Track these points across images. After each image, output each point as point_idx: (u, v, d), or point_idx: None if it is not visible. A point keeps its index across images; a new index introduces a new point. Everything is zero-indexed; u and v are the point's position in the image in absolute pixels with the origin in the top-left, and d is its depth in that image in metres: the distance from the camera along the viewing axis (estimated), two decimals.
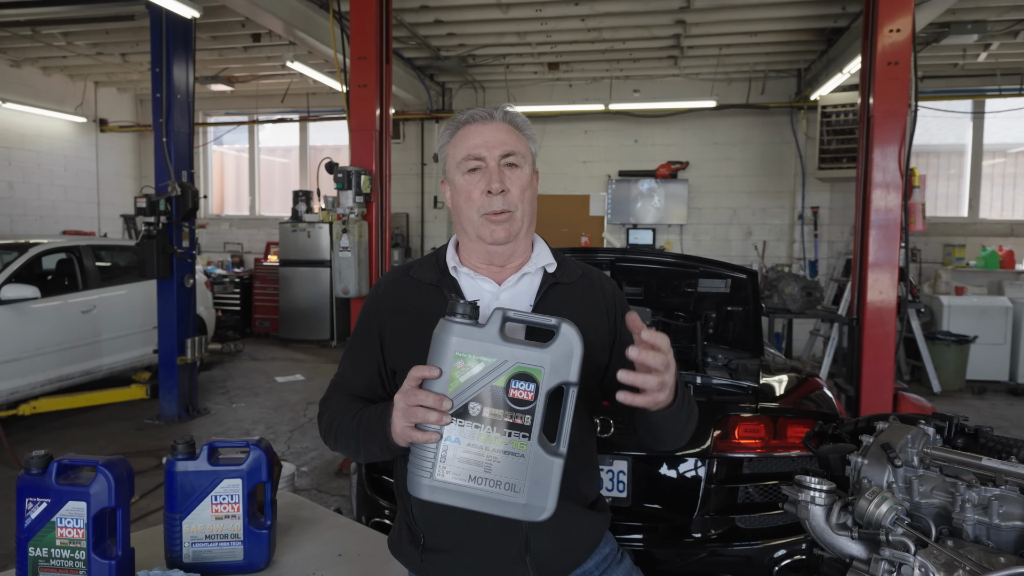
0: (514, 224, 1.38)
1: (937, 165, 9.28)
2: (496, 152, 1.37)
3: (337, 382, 1.50)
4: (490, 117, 1.41)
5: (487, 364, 1.10)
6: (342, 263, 4.38)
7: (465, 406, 1.11)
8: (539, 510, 1.12)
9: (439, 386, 1.11)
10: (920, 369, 7.41)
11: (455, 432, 1.11)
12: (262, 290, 10.13)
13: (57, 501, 1.44)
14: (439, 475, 1.11)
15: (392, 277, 1.52)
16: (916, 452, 1.25)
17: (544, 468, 1.11)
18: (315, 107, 10.50)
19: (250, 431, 5.71)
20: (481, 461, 1.11)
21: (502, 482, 1.11)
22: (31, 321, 5.65)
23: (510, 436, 1.10)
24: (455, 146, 1.42)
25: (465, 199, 1.39)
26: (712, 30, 7.44)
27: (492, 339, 1.11)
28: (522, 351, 1.11)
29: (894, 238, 4.44)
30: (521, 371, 1.10)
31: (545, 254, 1.46)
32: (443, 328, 1.13)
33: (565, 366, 1.11)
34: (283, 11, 5.91)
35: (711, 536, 2.41)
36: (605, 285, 1.51)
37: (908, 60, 4.39)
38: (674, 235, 9.60)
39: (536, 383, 1.10)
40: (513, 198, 1.37)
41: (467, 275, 1.43)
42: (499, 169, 1.37)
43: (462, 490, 1.11)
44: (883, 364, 4.46)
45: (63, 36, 7.85)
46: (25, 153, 9.50)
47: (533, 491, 1.11)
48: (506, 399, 1.10)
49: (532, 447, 1.11)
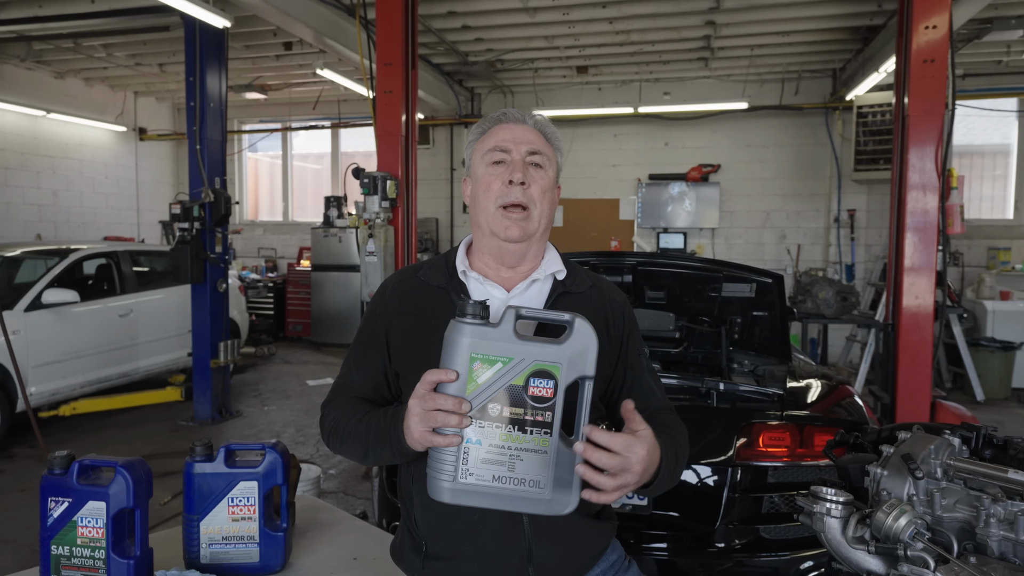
0: (530, 223, 1.36)
1: (981, 166, 9.00)
2: (523, 148, 1.37)
3: (341, 384, 1.49)
4: (523, 119, 1.41)
5: (504, 363, 1.10)
6: (368, 268, 4.42)
7: (484, 407, 1.10)
8: (564, 504, 1.13)
9: (455, 389, 1.10)
10: (963, 377, 7.18)
11: (475, 434, 1.11)
12: (295, 294, 10.28)
13: (78, 501, 1.46)
14: (461, 477, 1.11)
15: (399, 278, 1.50)
16: (939, 463, 1.21)
17: (566, 462, 1.12)
18: (346, 114, 10.64)
19: (280, 433, 5.79)
20: (504, 460, 1.11)
21: (527, 479, 1.11)
22: (71, 324, 5.81)
23: (531, 434, 1.11)
24: (483, 141, 1.42)
25: (484, 189, 1.38)
26: (743, 30, 7.34)
27: (507, 338, 1.10)
28: (538, 348, 1.11)
29: (931, 241, 4.31)
30: (539, 368, 1.10)
31: (555, 260, 1.44)
32: (455, 330, 1.12)
33: (582, 361, 1.11)
34: (313, 19, 6.00)
35: (735, 546, 2.35)
36: (615, 297, 1.49)
37: (945, 57, 4.26)
38: (706, 239, 9.48)
39: (555, 379, 1.10)
40: (533, 194, 1.36)
41: (476, 280, 1.41)
42: (524, 163, 1.36)
43: (486, 490, 1.11)
44: (920, 371, 4.33)
45: (104, 48, 8.09)
46: (69, 162, 9.81)
47: (557, 486, 1.12)
48: (526, 397, 1.10)
49: (554, 443, 1.11)
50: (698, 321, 3.01)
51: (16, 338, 5.09)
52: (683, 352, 3.06)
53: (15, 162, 9.06)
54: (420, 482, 1.32)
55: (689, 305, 3.08)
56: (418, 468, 1.33)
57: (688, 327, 3.01)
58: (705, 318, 3.03)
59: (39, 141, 9.36)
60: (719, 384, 2.53)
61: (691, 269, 3.13)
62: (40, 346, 5.51)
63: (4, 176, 8.94)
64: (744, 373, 2.82)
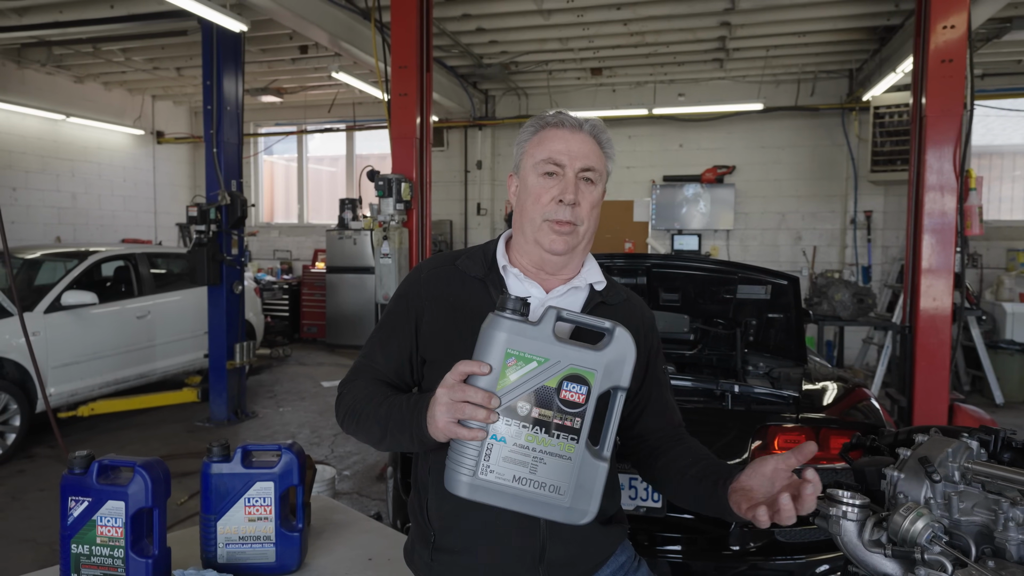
0: (575, 239, 1.36)
1: (1001, 166, 8.89)
2: (577, 164, 1.35)
3: (363, 364, 1.44)
4: (579, 127, 1.38)
5: (540, 363, 1.08)
6: (383, 270, 4.44)
7: (513, 405, 1.08)
8: (582, 513, 1.11)
9: (486, 383, 1.08)
10: (981, 379, 7.10)
11: (502, 431, 1.08)
12: (310, 296, 10.34)
13: (97, 500, 1.48)
14: (481, 473, 1.09)
15: (437, 263, 1.46)
16: (957, 467, 1.19)
17: (590, 472, 1.10)
18: (361, 116, 10.70)
19: (295, 434, 5.83)
20: (527, 462, 1.09)
21: (547, 484, 1.09)
22: (90, 326, 5.89)
23: (558, 438, 1.09)
24: (537, 145, 1.38)
25: (534, 200, 1.36)
26: (759, 31, 7.30)
27: (546, 338, 1.08)
28: (576, 352, 1.09)
29: (949, 243, 4.27)
30: (574, 373, 1.08)
31: (595, 271, 1.44)
32: (493, 323, 1.09)
33: (618, 370, 1.10)
34: (328, 23, 6.04)
35: (750, 549, 2.34)
36: (645, 314, 1.50)
37: (963, 57, 4.22)
38: (720, 240, 9.44)
39: (588, 386, 1.08)
40: (582, 213, 1.36)
41: (515, 276, 1.40)
42: (576, 181, 1.35)
43: (504, 490, 1.09)
44: (937, 374, 4.28)
45: (122, 52, 8.19)
46: (87, 165, 9.94)
47: (578, 494, 1.10)
48: (557, 400, 1.08)
49: (579, 450, 1.09)
50: (713, 323, 3.00)
51: (36, 339, 5.15)
52: (698, 354, 3.05)
53: (36, 166, 9.20)
54: (437, 472, 1.32)
55: (704, 307, 3.07)
56: (436, 458, 1.31)
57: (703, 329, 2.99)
58: (720, 320, 3.01)
59: (59, 145, 9.50)
60: (734, 386, 2.52)
61: (706, 271, 3.12)
62: (59, 347, 5.58)
63: (25, 179, 9.07)
64: (759, 375, 2.81)
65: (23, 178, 9.04)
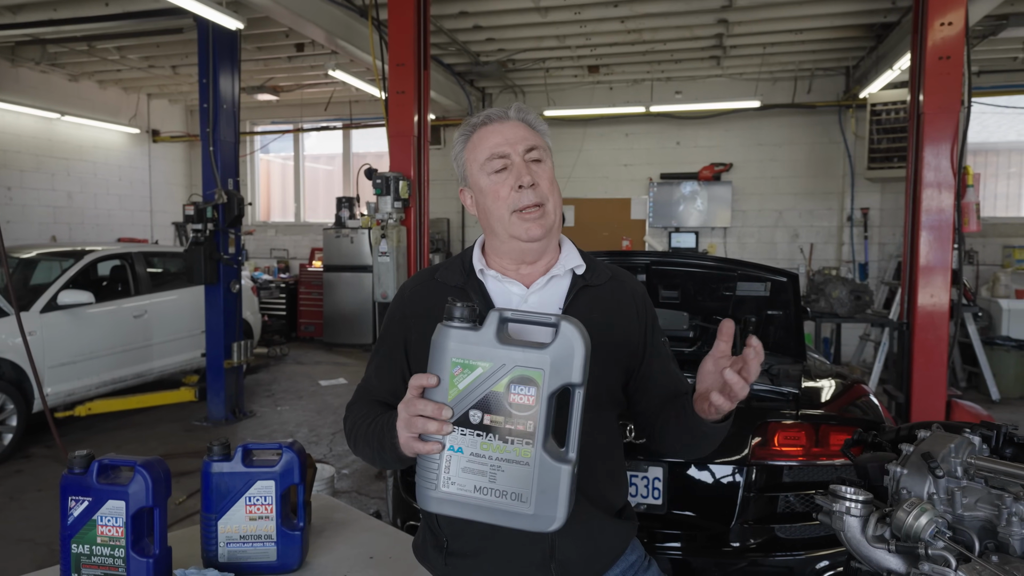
0: (547, 218, 1.35)
1: (996, 163, 8.92)
2: (520, 147, 1.36)
3: (363, 387, 1.50)
4: (505, 116, 1.39)
5: (485, 369, 1.06)
6: (381, 268, 4.43)
7: (466, 414, 1.06)
8: (548, 520, 1.06)
9: (439, 394, 1.07)
10: (977, 376, 7.12)
11: (457, 441, 1.06)
12: (307, 295, 10.32)
13: (98, 500, 1.48)
14: (444, 486, 1.07)
15: (417, 281, 1.50)
16: (959, 462, 1.20)
17: (551, 476, 1.05)
18: (357, 115, 10.68)
19: (293, 433, 5.82)
20: (485, 471, 1.06)
21: (508, 492, 1.06)
22: (86, 325, 5.87)
23: (513, 443, 1.05)
24: (474, 149, 1.40)
25: (493, 199, 1.37)
26: (756, 29, 7.30)
27: (488, 342, 1.06)
28: (520, 353, 1.05)
29: (946, 240, 4.28)
30: (520, 375, 1.05)
31: (573, 255, 1.43)
32: (440, 333, 1.09)
33: (567, 367, 1.05)
34: (325, 21, 6.02)
35: (750, 545, 2.35)
36: (636, 288, 1.48)
37: (961, 54, 4.23)
38: (718, 238, 9.45)
39: (537, 386, 1.05)
40: (543, 191, 1.35)
41: (494, 278, 1.41)
42: (525, 164, 1.35)
43: (468, 501, 1.07)
44: (935, 370, 4.29)
45: (117, 50, 8.16)
46: (83, 164, 9.90)
47: (541, 500, 1.06)
48: (506, 405, 1.05)
49: (537, 454, 1.05)
50: (712, 320, 3.00)
51: (32, 339, 5.13)
52: (697, 351, 3.05)
53: (30, 164, 9.16)
54: None
55: (703, 304, 3.07)
56: None
57: (702, 326, 3.00)
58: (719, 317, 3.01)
59: (54, 143, 9.46)
60: None
61: (706, 268, 3.12)
62: (56, 347, 5.56)
63: (20, 179, 9.03)
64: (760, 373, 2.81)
65: (18, 177, 9.00)
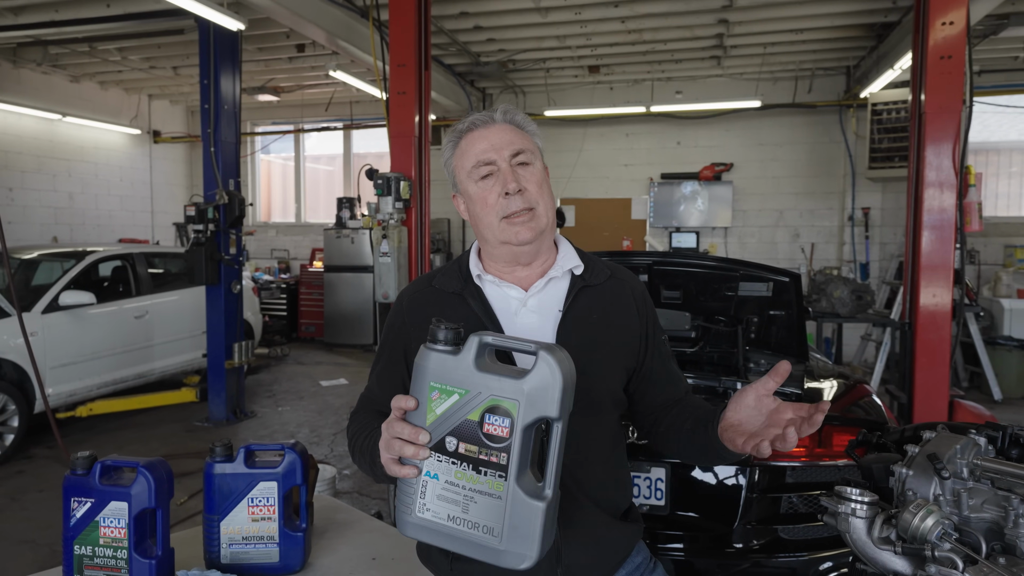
0: (538, 221, 1.34)
1: (997, 163, 8.91)
2: (505, 152, 1.34)
3: (365, 396, 1.49)
4: (491, 120, 1.37)
5: (461, 395, 1.02)
6: (382, 268, 4.43)
7: (443, 440, 1.03)
8: (519, 558, 1.01)
9: (418, 418, 1.05)
10: (979, 376, 7.12)
11: (434, 467, 1.04)
12: (307, 295, 10.32)
13: (100, 501, 1.47)
14: (419, 512, 1.05)
15: (415, 288, 1.48)
16: (965, 463, 1.19)
17: (524, 512, 1.00)
18: (358, 115, 10.68)
19: (294, 434, 5.82)
20: (458, 500, 1.03)
21: (480, 524, 1.02)
22: (88, 326, 5.87)
23: (486, 475, 1.01)
24: (461, 156, 1.38)
25: (482, 206, 1.36)
26: (756, 28, 7.30)
27: (466, 368, 1.03)
28: (496, 382, 1.01)
29: (948, 239, 4.27)
30: (494, 404, 1.01)
31: (571, 256, 1.42)
32: (421, 355, 1.06)
33: (543, 399, 0.99)
34: (325, 22, 6.02)
35: (753, 547, 2.34)
36: (635, 286, 1.47)
37: (962, 54, 4.22)
38: (718, 238, 9.44)
39: (511, 418, 1.00)
40: (531, 195, 1.34)
41: (492, 282, 1.40)
42: (512, 169, 1.33)
43: (441, 529, 1.04)
44: (937, 370, 4.29)
45: (118, 51, 8.16)
46: (84, 165, 9.90)
47: (512, 536, 1.01)
48: (480, 435, 1.01)
49: (509, 488, 1.01)
50: (714, 320, 3.00)
51: (34, 340, 5.12)
52: (699, 351, 3.04)
53: (32, 165, 9.16)
54: None
55: (705, 304, 3.07)
56: None
57: (704, 326, 2.99)
58: (721, 317, 3.01)
59: (55, 144, 9.46)
60: (736, 383, 2.52)
61: (708, 268, 3.11)
62: (57, 347, 5.56)
63: (21, 179, 9.03)
64: (761, 372, 2.80)
65: (19, 178, 9.01)
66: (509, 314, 1.37)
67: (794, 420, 1.08)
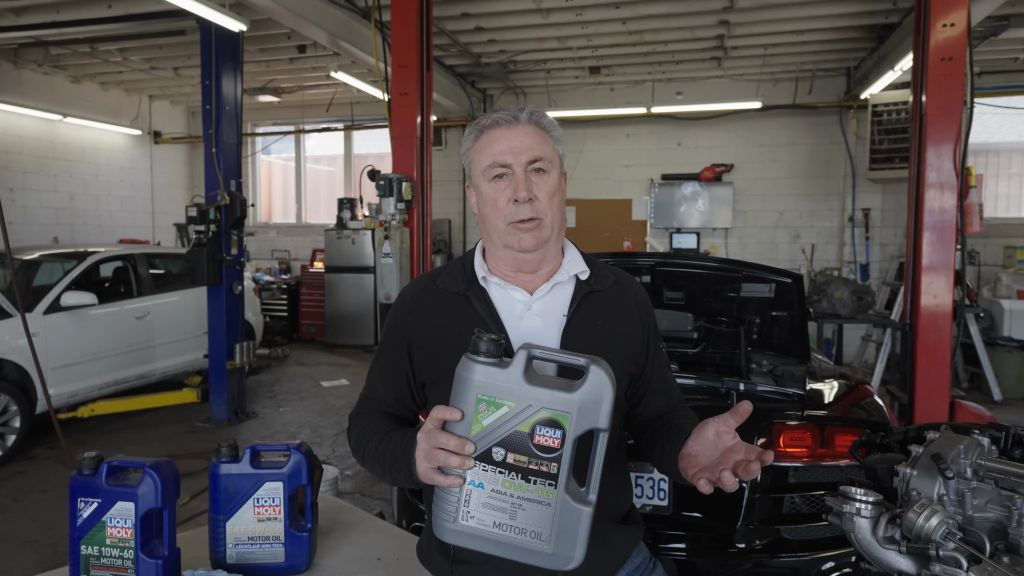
0: (543, 231, 1.33)
1: (997, 164, 8.92)
2: (522, 158, 1.32)
3: (367, 396, 1.48)
4: (515, 120, 1.35)
5: (511, 408, 1.04)
6: (384, 269, 4.44)
7: (488, 450, 1.05)
8: (566, 559, 1.07)
9: (461, 428, 1.06)
10: (980, 376, 7.12)
11: (478, 476, 1.06)
12: (308, 296, 10.33)
13: (107, 501, 1.48)
14: (463, 519, 1.07)
15: (418, 287, 1.46)
16: (969, 463, 1.20)
17: (572, 517, 1.06)
18: (359, 116, 10.69)
19: (296, 434, 5.82)
20: (505, 508, 1.06)
21: (528, 530, 1.06)
22: (89, 327, 5.87)
23: (535, 484, 1.05)
24: (480, 151, 1.37)
25: (491, 207, 1.35)
26: (757, 30, 7.31)
27: (516, 381, 1.05)
28: (548, 395, 1.04)
29: (949, 240, 4.28)
30: (547, 417, 1.04)
31: (576, 261, 1.42)
32: (465, 367, 1.07)
33: (594, 411, 1.04)
34: (327, 22, 6.03)
35: (756, 547, 2.35)
36: (638, 292, 1.47)
37: (963, 55, 4.23)
38: (719, 239, 9.45)
39: (563, 429, 1.04)
40: (541, 205, 1.33)
41: (497, 285, 1.39)
42: (526, 176, 1.32)
43: (487, 536, 1.07)
44: (938, 371, 4.30)
45: (119, 52, 8.16)
46: (85, 165, 9.91)
47: (560, 540, 1.06)
48: (531, 446, 1.04)
49: (559, 495, 1.05)
50: (716, 321, 3.00)
51: (36, 340, 5.12)
52: (701, 352, 3.05)
53: (32, 166, 9.17)
54: None
55: (707, 305, 3.07)
56: None
57: (706, 327, 3.00)
58: (723, 318, 3.02)
59: (56, 145, 9.47)
60: (739, 384, 2.53)
61: (710, 269, 3.12)
62: (59, 348, 5.56)
63: (22, 180, 9.04)
64: (763, 373, 2.81)
65: (20, 179, 9.01)
66: (514, 317, 1.36)
67: (742, 462, 1.10)
